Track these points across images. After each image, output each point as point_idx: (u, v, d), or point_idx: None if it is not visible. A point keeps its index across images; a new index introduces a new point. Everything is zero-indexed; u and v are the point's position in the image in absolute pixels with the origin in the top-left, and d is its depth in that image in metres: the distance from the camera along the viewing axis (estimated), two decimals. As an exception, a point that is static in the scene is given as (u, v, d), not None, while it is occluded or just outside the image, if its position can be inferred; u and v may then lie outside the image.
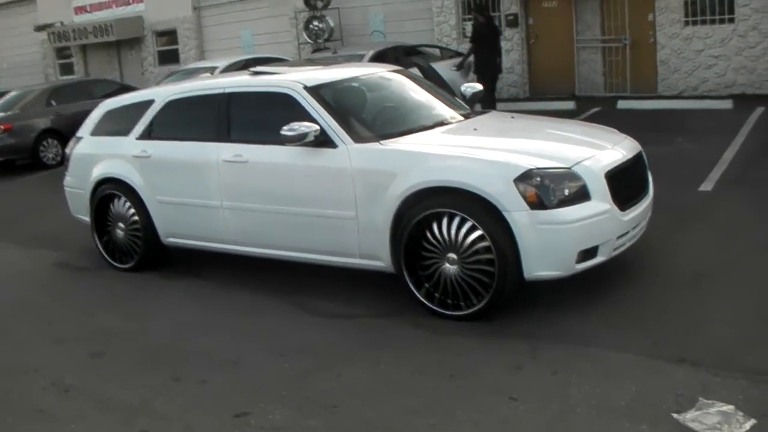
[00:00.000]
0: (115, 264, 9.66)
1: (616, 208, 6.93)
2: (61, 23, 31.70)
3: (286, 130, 7.50)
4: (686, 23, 19.14)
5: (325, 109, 7.78)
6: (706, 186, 10.75)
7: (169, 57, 29.38)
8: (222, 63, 20.03)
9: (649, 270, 7.83)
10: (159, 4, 29.03)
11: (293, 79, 8.22)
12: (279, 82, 8.28)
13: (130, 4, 29.93)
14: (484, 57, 17.63)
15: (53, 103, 20.59)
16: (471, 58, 18.21)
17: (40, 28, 32.24)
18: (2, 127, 19.59)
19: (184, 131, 8.99)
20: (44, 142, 19.99)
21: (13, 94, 21.82)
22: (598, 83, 20.66)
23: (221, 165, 8.34)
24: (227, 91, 8.60)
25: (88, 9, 31.28)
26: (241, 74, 9.62)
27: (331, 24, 23.72)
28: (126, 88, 18.55)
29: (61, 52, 33.64)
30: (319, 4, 23.62)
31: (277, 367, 6.48)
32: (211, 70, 19.08)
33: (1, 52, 36.33)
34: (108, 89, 19.94)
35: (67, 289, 9.37)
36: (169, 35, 29.59)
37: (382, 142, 7.51)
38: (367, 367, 6.33)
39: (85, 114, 10.70)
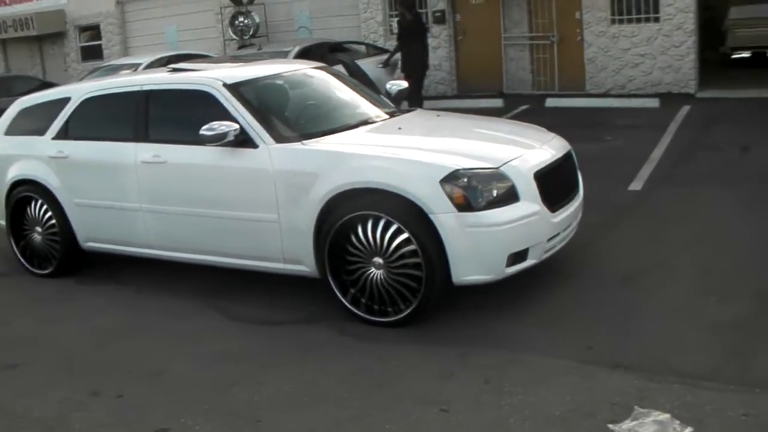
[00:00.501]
0: (33, 270, 9.30)
1: (546, 210, 6.78)
2: (-19, 17, 30.95)
3: (205, 130, 7.23)
4: (613, 21, 19.14)
5: (246, 107, 7.52)
6: (636, 185, 10.70)
7: (93, 53, 28.71)
8: (145, 59, 19.60)
9: (579, 271, 7.71)
10: (81, -2, 28.41)
11: (213, 77, 7.96)
12: (198, 80, 8.00)
13: (51, -3, 29.28)
14: (412, 54, 17.40)
15: (-31, 100, 19.96)
16: (397, 56, 18.01)
17: (-42, 23, 31.44)
18: None
19: (101, 130, 8.66)
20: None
21: (-74, 90, 21.19)
22: (526, 81, 20.59)
23: (139, 166, 8.05)
24: (145, 88, 8.30)
25: (7, 2, 30.52)
26: (160, 71, 9.32)
27: (257, 20, 23.36)
28: (47, 85, 18.07)
29: (-21, 47, 32.83)
30: (245, 0, 23.27)
31: (198, 377, 6.23)
32: (135, 66, 18.68)
33: None
34: (28, 86, 19.39)
35: (-19, 295, 9.00)
36: (93, 30, 28.95)
37: (304, 141, 7.28)
38: (291, 376, 6.09)
39: (2, 112, 10.29)
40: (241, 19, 23.34)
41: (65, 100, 9.01)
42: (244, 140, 7.32)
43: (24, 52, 30.80)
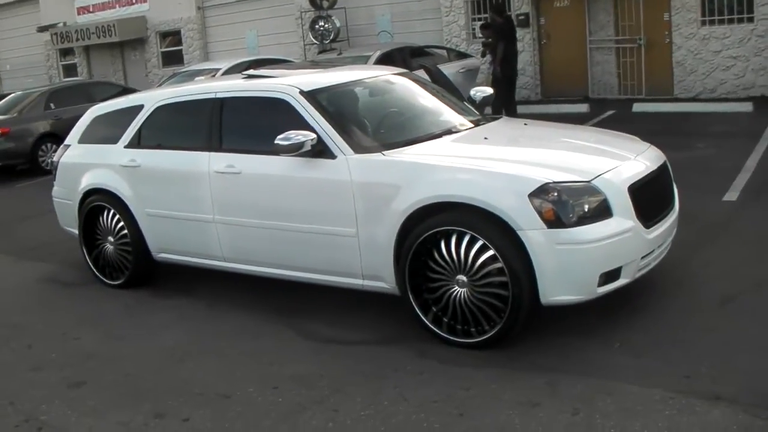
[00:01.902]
0: (105, 280, 9.12)
1: (640, 225, 6.34)
2: (64, 24, 31.19)
3: (280, 140, 6.92)
4: (703, 23, 18.57)
5: (323, 116, 7.20)
6: (731, 196, 10.17)
7: (174, 58, 28.89)
8: (224, 64, 19.54)
9: (674, 292, 7.23)
10: (162, 4, 28.47)
11: (289, 84, 7.64)
12: (273, 87, 7.70)
13: (133, 4, 29.36)
14: (506, 59, 16.92)
15: (52, 106, 20.03)
16: (477, 62, 17.54)
17: (42, 29, 31.73)
18: (0, 130, 19.05)
19: (174, 139, 8.46)
20: (43, 147, 19.47)
21: (11, 96, 21.36)
22: (612, 85, 20.07)
23: (213, 176, 7.78)
24: (219, 96, 8.04)
25: (91, 9, 30.74)
26: (235, 77, 9.06)
27: (338, 24, 23.16)
28: (128, 92, 18.03)
29: (65, 53, 33.11)
30: (325, 4, 23.04)
31: (268, 402, 5.90)
32: (214, 71, 18.59)
33: (4, 53, 35.92)
34: (109, 92, 19.39)
35: (53, 307, 8.79)
36: (173, 36, 29.07)
37: (384, 152, 6.93)
38: (367, 401, 5.74)
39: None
40: (321, 23, 23.16)
41: (138, 108, 8.81)
42: (321, 150, 7.01)
43: (106, 58, 31.08)
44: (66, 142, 9.81)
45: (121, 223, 8.78)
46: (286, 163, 7.18)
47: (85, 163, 9.21)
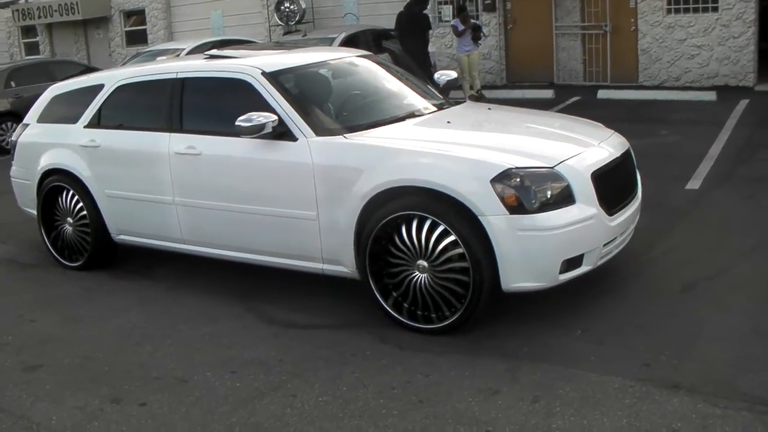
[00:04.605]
0: (64, 262, 9.01)
1: (603, 212, 6.31)
2: (26, 0, 30.76)
3: (241, 121, 6.83)
4: (668, 11, 18.68)
5: (285, 97, 7.11)
6: (694, 184, 10.20)
7: (138, 37, 28.62)
8: (188, 45, 19.38)
9: (635, 280, 7.23)
10: (127, -18, 28.18)
11: (250, 64, 7.55)
12: (235, 67, 7.61)
13: (96, -19, 29.06)
14: (408, 51, 16.77)
15: (13, 84, 19.73)
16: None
17: (3, 5, 31.30)
18: (-42, 108, 18.79)
19: (134, 119, 8.34)
20: (3, 126, 19.19)
21: (-30, 74, 21.04)
22: (577, 71, 20.11)
23: (173, 157, 7.68)
24: (180, 76, 7.92)
25: (53, -14, 30.38)
26: (197, 57, 8.95)
27: (303, 6, 23.08)
28: (91, 71, 17.81)
29: (27, 31, 32.66)
30: (291, -15, 22.98)
31: (226, 387, 5.82)
32: (178, 52, 18.45)
33: (-36, 31, 35.46)
34: (72, 71, 19.11)
35: (10, 288, 8.63)
36: (138, 15, 28.77)
37: (346, 135, 6.85)
38: (326, 387, 5.68)
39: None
40: (287, 4, 23.07)
41: (98, 87, 8.68)
42: (282, 132, 6.92)
43: (69, 36, 30.71)
44: (25, 121, 9.68)
45: (80, 204, 8.66)
46: (247, 144, 7.10)
47: (44, 143, 9.07)
